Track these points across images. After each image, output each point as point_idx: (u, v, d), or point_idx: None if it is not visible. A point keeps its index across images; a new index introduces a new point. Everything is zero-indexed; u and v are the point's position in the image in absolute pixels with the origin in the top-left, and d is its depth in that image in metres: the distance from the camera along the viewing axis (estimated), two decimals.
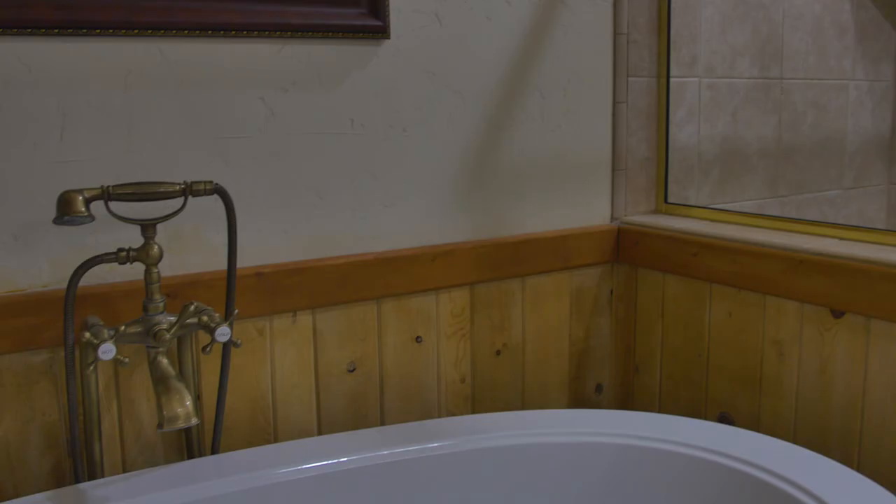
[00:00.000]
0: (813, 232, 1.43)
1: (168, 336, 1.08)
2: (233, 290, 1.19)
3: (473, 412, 1.56)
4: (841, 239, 1.38)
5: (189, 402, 1.01)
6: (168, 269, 1.23)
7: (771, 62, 1.93)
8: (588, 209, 1.66)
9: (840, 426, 1.32)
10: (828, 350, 1.32)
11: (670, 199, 1.71)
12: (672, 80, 1.70)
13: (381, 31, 1.36)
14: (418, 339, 1.48)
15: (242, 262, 1.30)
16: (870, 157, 2.23)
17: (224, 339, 1.09)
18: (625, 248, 1.65)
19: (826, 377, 1.33)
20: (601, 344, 1.71)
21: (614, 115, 1.65)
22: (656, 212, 1.72)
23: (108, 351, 1.02)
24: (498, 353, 1.57)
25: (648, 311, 1.64)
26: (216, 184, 1.12)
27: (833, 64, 2.08)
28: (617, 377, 1.73)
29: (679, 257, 1.53)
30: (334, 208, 1.38)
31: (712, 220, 1.60)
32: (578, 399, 1.70)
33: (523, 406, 1.62)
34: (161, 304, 1.11)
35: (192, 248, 1.27)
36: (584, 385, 1.70)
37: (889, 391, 1.24)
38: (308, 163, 1.34)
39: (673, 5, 1.69)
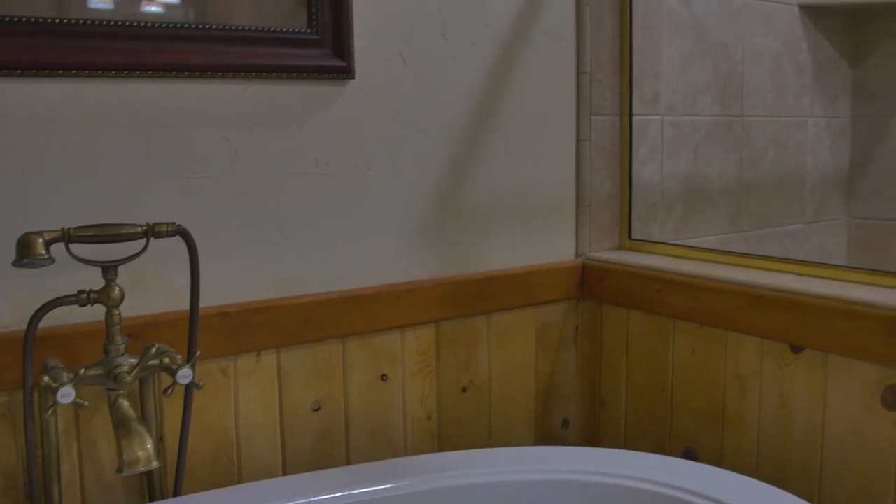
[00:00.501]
0: (772, 268, 1.46)
1: (129, 379, 1.07)
2: (195, 332, 1.18)
3: (440, 450, 1.56)
4: (798, 275, 1.40)
5: (150, 446, 1.00)
6: (130, 309, 1.22)
7: (731, 100, 1.97)
8: (553, 246, 1.67)
9: (800, 461, 1.34)
10: (787, 385, 1.34)
11: (634, 236, 1.73)
12: (635, 118, 1.73)
13: (345, 72, 1.37)
14: (384, 378, 1.48)
15: (206, 301, 1.29)
16: (829, 192, 2.27)
17: (185, 381, 1.08)
18: (590, 284, 1.67)
19: (786, 412, 1.35)
20: (567, 379, 1.71)
21: (578, 152, 1.68)
22: (620, 248, 1.74)
23: (67, 395, 1.01)
24: (464, 389, 1.57)
25: (613, 347, 1.65)
26: (178, 225, 1.12)
27: (792, 101, 2.13)
28: (583, 412, 1.74)
29: (642, 293, 1.55)
30: (299, 247, 1.38)
31: (675, 257, 1.62)
32: (545, 434, 1.70)
33: (490, 443, 1.62)
34: (122, 346, 1.10)
35: (155, 288, 1.26)
36: (551, 421, 1.70)
37: (848, 427, 1.26)
38: (272, 202, 1.35)
39: (634, 45, 1.72)
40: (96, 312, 1.18)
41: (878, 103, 2.25)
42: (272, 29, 1.32)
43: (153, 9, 1.24)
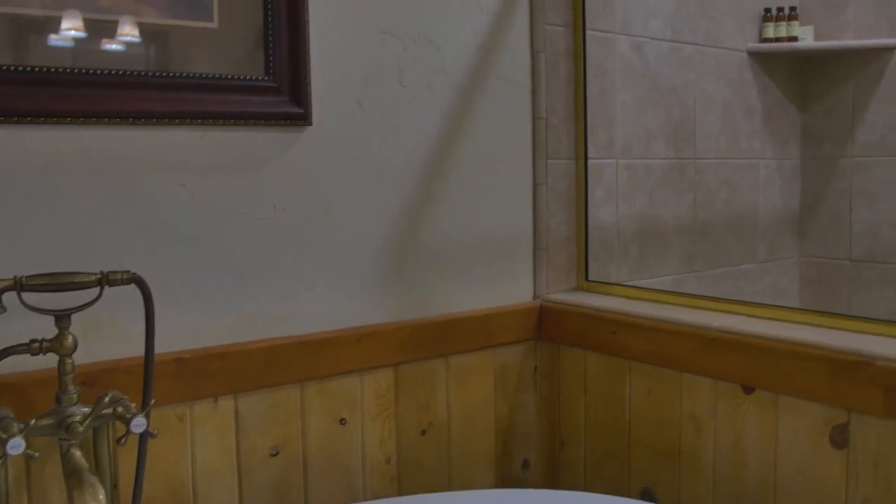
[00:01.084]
0: (724, 309, 1.49)
1: (81, 429, 1.06)
2: (150, 380, 1.18)
3: (399, 493, 1.56)
4: (749, 316, 1.43)
5: (102, 496, 0.99)
6: (85, 356, 1.21)
7: (684, 144, 2.02)
8: (511, 288, 1.69)
9: (755, 500, 1.35)
10: (740, 425, 1.36)
11: (591, 277, 1.76)
12: (590, 161, 1.77)
13: (302, 119, 1.39)
14: (342, 422, 1.47)
15: (163, 347, 1.28)
16: (781, 232, 2.33)
17: (139, 430, 1.08)
18: (547, 325, 1.68)
19: (740, 452, 1.37)
20: (527, 420, 1.72)
21: (535, 195, 1.71)
22: (577, 289, 1.76)
23: (16, 446, 1.00)
24: (423, 432, 1.58)
25: (572, 388, 1.67)
26: (133, 273, 1.12)
27: (743, 144, 2.19)
28: (543, 453, 1.75)
29: (599, 335, 1.57)
30: (257, 292, 1.38)
31: (630, 298, 1.65)
32: (505, 476, 1.70)
33: (450, 485, 1.62)
34: (75, 396, 1.09)
35: (110, 335, 1.25)
36: (511, 462, 1.71)
37: (798, 466, 1.28)
38: (230, 247, 1.35)
39: (589, 91, 1.76)
40: (50, 359, 1.17)
41: (826, 146, 2.32)
42: (229, 76, 1.33)
43: (114, 47, 1.25)
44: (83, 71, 1.21)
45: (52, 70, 1.18)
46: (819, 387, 1.23)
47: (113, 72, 1.23)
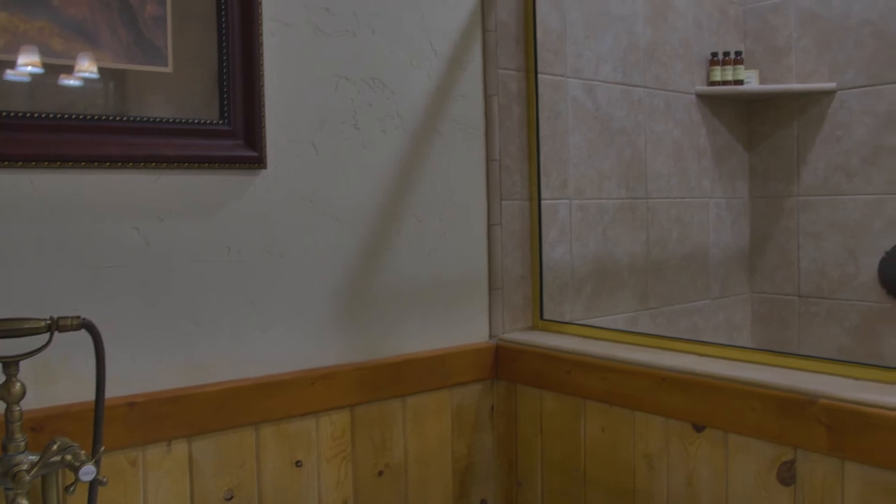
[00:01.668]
0: (676, 348, 1.51)
1: (28, 478, 1.04)
2: (100, 426, 1.16)
3: None
4: (700, 355, 1.46)
5: None
6: (34, 401, 1.20)
7: (636, 183, 2.07)
8: (467, 328, 1.70)
9: None
10: (692, 463, 1.38)
11: (546, 316, 1.78)
12: (544, 202, 1.80)
13: (257, 162, 1.40)
14: (298, 464, 1.47)
15: (114, 391, 1.27)
16: (733, 269, 2.38)
17: (88, 478, 1.06)
18: (503, 364, 1.70)
19: (692, 489, 1.38)
20: (484, 459, 1.72)
21: (489, 236, 1.73)
22: (533, 328, 1.78)
23: None
24: (380, 473, 1.57)
25: (528, 427, 1.67)
26: (84, 319, 1.11)
27: (694, 183, 2.24)
28: (501, 492, 1.75)
29: (554, 374, 1.59)
30: (211, 334, 1.38)
31: (584, 337, 1.67)
32: None
33: None
34: (22, 444, 1.08)
35: (61, 379, 1.24)
36: (469, 502, 1.71)
37: (748, 503, 1.30)
38: (184, 290, 1.34)
39: (542, 133, 1.80)
40: None
41: (773, 185, 2.38)
42: (184, 120, 1.34)
43: (68, 91, 1.25)
44: (36, 115, 1.20)
45: (5, 114, 1.18)
46: (766, 425, 1.25)
47: (66, 116, 1.23)
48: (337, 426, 1.51)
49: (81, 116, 1.24)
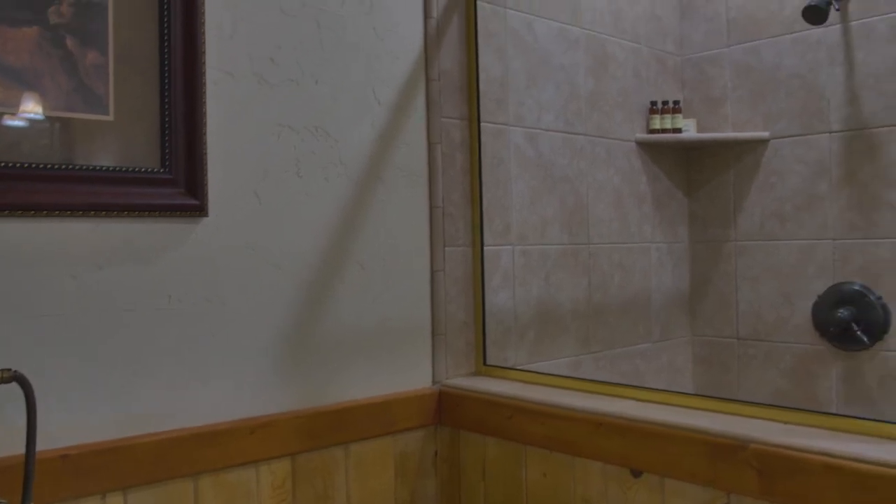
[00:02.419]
0: (615, 394, 1.53)
1: None
2: (30, 482, 1.14)
3: None
4: (638, 400, 1.48)
5: None
6: None
7: (579, 229, 2.11)
8: (410, 374, 1.71)
9: None
10: None
11: (489, 361, 1.79)
12: (487, 248, 1.82)
13: (198, 210, 1.40)
14: None
15: (48, 444, 1.25)
16: (674, 312, 2.42)
17: None
18: (446, 410, 1.70)
19: None
20: None
21: (432, 282, 1.74)
22: (476, 374, 1.79)
23: None
24: None
25: (471, 473, 1.68)
26: (15, 371, 1.09)
27: (635, 229, 2.29)
28: None
29: (496, 420, 1.60)
30: (148, 384, 1.36)
31: (526, 383, 1.69)
32: None
33: None
34: None
35: None
36: None
37: None
38: (121, 339, 1.33)
39: (485, 180, 1.83)
40: None
41: (711, 230, 2.45)
42: (124, 168, 1.34)
43: (15, 123, 1.24)
44: None
45: None
46: (701, 470, 1.28)
47: (4, 163, 1.22)
48: (277, 475, 1.49)
49: (19, 164, 1.24)
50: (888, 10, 2.09)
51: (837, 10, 2.16)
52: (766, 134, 2.31)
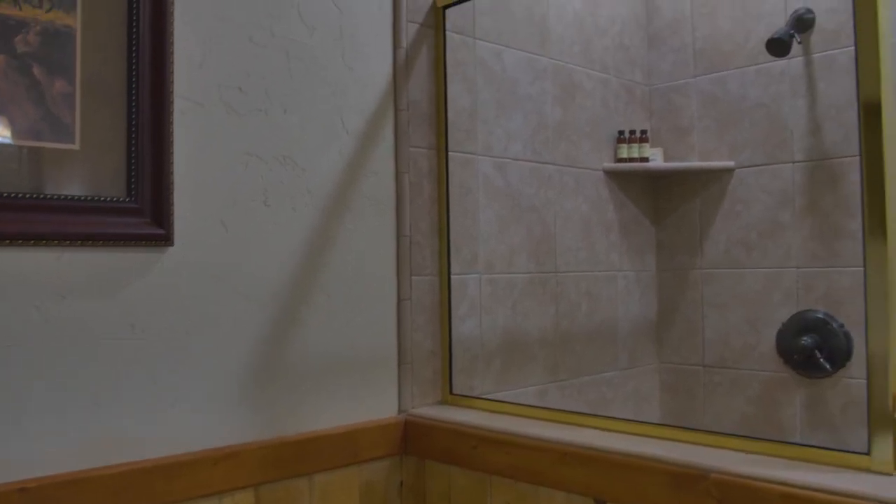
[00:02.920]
0: (579, 423, 1.55)
1: None
2: None
3: None
4: (603, 430, 1.49)
5: None
6: None
7: (546, 258, 2.12)
8: (376, 403, 1.71)
9: None
10: None
11: (456, 390, 1.80)
12: (454, 277, 1.83)
13: (164, 239, 1.40)
14: None
15: (6, 476, 1.23)
16: (641, 340, 2.44)
17: None
18: (412, 439, 1.70)
19: None
20: None
21: (399, 311, 1.75)
22: (443, 403, 1.80)
23: None
24: None
25: (437, 503, 1.67)
26: None
27: (602, 257, 2.31)
28: None
29: (461, 450, 1.60)
30: (111, 414, 1.35)
31: (492, 412, 1.69)
32: None
33: None
34: None
35: None
36: None
37: None
38: (84, 370, 1.32)
39: (452, 209, 1.84)
40: None
41: (678, 258, 2.48)
42: (90, 197, 1.34)
43: None
44: None
45: None
46: (663, 499, 1.29)
47: None
48: None
49: None
50: (848, 43, 2.14)
51: (799, 42, 2.21)
52: (731, 163, 2.35)
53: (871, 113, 1.18)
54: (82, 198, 1.33)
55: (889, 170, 1.17)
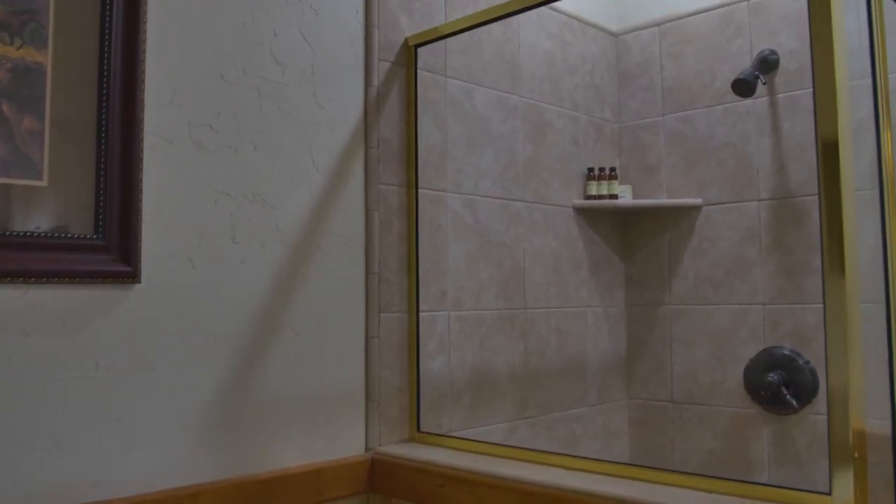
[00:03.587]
0: (545, 462, 1.55)
1: None
2: None
3: None
4: (567, 469, 1.50)
5: None
6: None
7: (515, 294, 2.14)
8: (342, 441, 1.70)
9: None
10: None
11: (423, 428, 1.80)
12: (422, 314, 1.84)
13: (131, 276, 1.40)
14: None
15: None
16: (610, 375, 2.46)
17: None
18: (379, 478, 1.70)
19: None
20: None
21: (367, 349, 1.75)
22: (410, 440, 1.79)
23: None
24: None
25: None
26: None
27: (572, 293, 2.33)
28: None
29: (427, 488, 1.60)
30: (72, 453, 1.34)
31: (460, 450, 1.69)
32: None
33: None
34: None
35: None
36: None
37: None
38: (46, 409, 1.31)
39: (422, 246, 1.85)
40: None
41: (647, 293, 2.50)
42: (56, 234, 1.34)
43: None
44: None
45: None
46: None
47: None
48: None
49: None
50: (811, 84, 2.18)
51: (764, 83, 2.26)
52: (698, 201, 2.39)
53: (828, 152, 1.20)
54: (49, 234, 1.33)
55: (847, 207, 1.19)
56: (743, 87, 2.22)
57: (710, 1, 2.40)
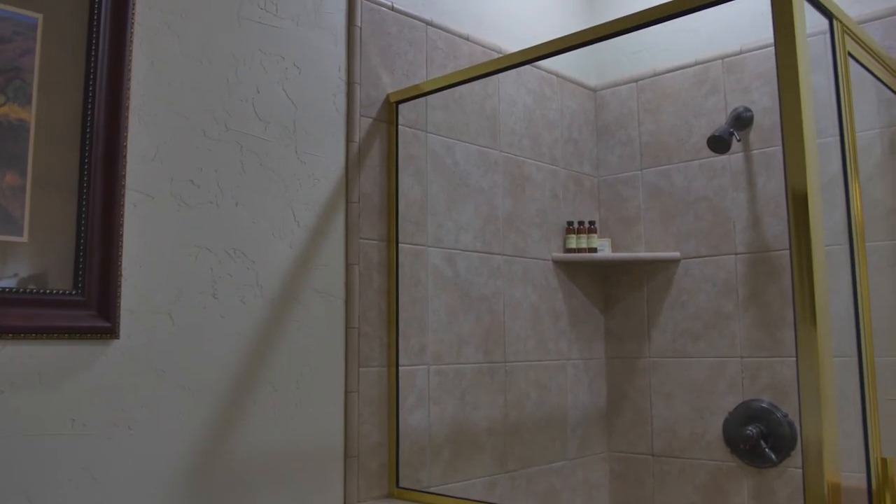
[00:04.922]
0: None
1: None
2: None
3: None
4: None
5: None
6: None
7: (495, 348, 2.14)
8: (320, 498, 1.69)
9: None
10: None
11: (402, 483, 1.79)
12: (402, 368, 1.84)
13: (109, 332, 1.39)
14: None
15: None
16: (590, 428, 2.46)
17: None
18: None
19: None
20: None
21: (346, 404, 1.75)
22: (389, 496, 1.78)
23: None
24: None
25: None
26: None
27: (551, 346, 2.33)
28: None
29: None
30: None
31: None
32: None
33: None
34: None
35: None
36: None
37: None
38: (18, 468, 1.29)
39: (402, 300, 1.86)
40: None
41: (626, 346, 2.51)
42: (35, 290, 1.33)
43: None
44: None
45: None
46: None
47: None
48: None
49: None
50: None
51: (738, 140, 2.30)
52: (676, 254, 2.41)
53: (798, 206, 1.22)
54: (28, 290, 1.33)
55: (816, 258, 1.21)
56: (718, 144, 2.26)
57: (685, 58, 2.46)
